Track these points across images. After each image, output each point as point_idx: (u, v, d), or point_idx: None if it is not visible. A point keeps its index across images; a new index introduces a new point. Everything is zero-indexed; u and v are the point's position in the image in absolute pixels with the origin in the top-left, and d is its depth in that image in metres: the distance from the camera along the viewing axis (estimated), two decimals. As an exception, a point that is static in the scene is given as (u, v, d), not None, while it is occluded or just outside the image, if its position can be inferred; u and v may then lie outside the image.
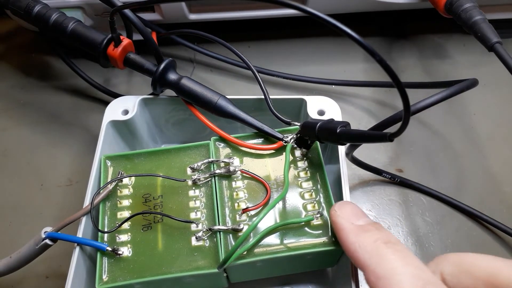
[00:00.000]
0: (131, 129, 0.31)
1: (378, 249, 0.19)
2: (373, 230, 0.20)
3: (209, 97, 0.28)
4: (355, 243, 0.20)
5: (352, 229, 0.21)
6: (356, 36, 0.17)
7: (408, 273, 0.18)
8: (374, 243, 0.20)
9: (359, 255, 0.20)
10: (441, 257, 0.20)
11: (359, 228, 0.21)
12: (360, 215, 0.22)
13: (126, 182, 0.27)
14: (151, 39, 0.30)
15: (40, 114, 0.39)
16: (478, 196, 0.33)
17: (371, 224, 0.21)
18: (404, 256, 0.19)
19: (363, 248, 0.20)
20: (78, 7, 0.36)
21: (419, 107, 0.23)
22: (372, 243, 0.20)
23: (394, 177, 0.33)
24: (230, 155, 0.27)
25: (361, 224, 0.21)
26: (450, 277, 0.19)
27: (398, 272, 0.18)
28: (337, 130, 0.23)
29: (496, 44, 0.29)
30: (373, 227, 0.21)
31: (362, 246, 0.20)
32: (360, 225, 0.21)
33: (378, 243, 0.20)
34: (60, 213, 0.33)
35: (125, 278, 0.24)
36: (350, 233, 0.21)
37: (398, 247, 0.19)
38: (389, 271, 0.18)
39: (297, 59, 0.41)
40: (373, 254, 0.19)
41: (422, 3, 0.37)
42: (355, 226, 0.21)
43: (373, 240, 0.20)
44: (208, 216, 0.25)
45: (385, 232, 0.20)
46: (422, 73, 0.40)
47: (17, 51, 0.43)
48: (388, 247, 0.19)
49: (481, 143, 0.36)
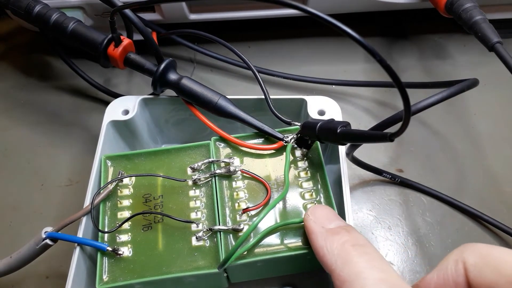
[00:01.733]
0: (132, 129, 0.31)
1: (345, 252, 0.19)
2: (342, 233, 0.20)
3: (209, 97, 0.28)
4: (323, 246, 0.20)
5: (321, 233, 0.21)
6: (356, 36, 0.17)
7: (372, 277, 0.17)
8: (341, 246, 0.19)
9: (326, 258, 0.19)
10: (468, 245, 0.19)
11: (329, 231, 0.21)
12: (332, 218, 0.22)
13: (126, 182, 0.27)
14: (152, 39, 0.30)
15: (41, 114, 0.39)
16: (478, 196, 0.33)
17: (341, 227, 0.21)
18: (371, 259, 0.18)
19: (331, 251, 0.19)
20: (79, 7, 0.36)
21: (419, 107, 0.23)
22: (339, 246, 0.19)
23: (395, 177, 0.33)
24: (230, 155, 0.27)
25: (331, 228, 0.21)
26: (473, 268, 0.18)
27: (362, 276, 0.18)
28: (337, 130, 0.23)
29: (497, 44, 0.29)
30: (343, 229, 0.20)
31: (330, 249, 0.19)
32: (330, 228, 0.21)
33: (346, 246, 0.19)
34: (61, 213, 0.33)
35: (125, 278, 0.24)
36: (320, 237, 0.20)
37: (365, 250, 0.19)
38: (353, 274, 0.18)
39: (297, 59, 0.41)
40: (339, 257, 0.19)
41: (423, 3, 0.37)
42: (325, 229, 0.21)
43: (341, 243, 0.19)
44: (208, 216, 0.25)
45: (354, 235, 0.20)
46: (423, 73, 0.40)
47: (17, 51, 0.44)
48: (355, 250, 0.19)
49: (482, 143, 0.36)
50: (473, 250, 0.18)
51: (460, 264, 0.18)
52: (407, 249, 0.31)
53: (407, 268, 0.30)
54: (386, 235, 0.32)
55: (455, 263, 0.18)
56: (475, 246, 0.18)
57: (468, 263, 0.18)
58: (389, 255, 0.31)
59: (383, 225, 0.32)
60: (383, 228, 0.32)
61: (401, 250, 0.31)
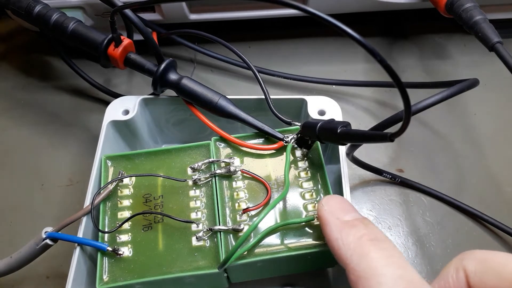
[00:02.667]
0: (132, 129, 0.31)
1: (361, 246, 0.18)
2: (359, 226, 0.19)
3: (209, 97, 0.28)
4: (338, 239, 0.19)
5: (337, 225, 0.20)
6: (357, 36, 0.17)
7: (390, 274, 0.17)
8: (358, 240, 0.18)
9: (341, 251, 0.19)
10: (467, 253, 0.18)
11: (345, 223, 0.20)
12: (348, 210, 0.21)
13: (126, 182, 0.27)
14: (152, 39, 0.30)
15: (41, 114, 0.39)
16: (478, 196, 0.33)
17: (358, 220, 0.20)
18: (389, 255, 0.18)
19: (347, 244, 0.19)
20: (79, 7, 0.36)
21: (419, 107, 0.23)
22: (356, 240, 0.18)
23: (395, 177, 0.33)
24: (230, 155, 0.27)
25: (348, 220, 0.20)
26: (473, 275, 0.18)
27: (379, 273, 0.17)
28: (337, 130, 0.23)
29: (497, 44, 0.29)
30: (360, 222, 0.20)
31: (346, 243, 0.19)
32: (347, 220, 0.20)
33: (363, 240, 0.18)
34: (61, 213, 0.33)
35: (125, 278, 0.24)
36: (335, 229, 0.20)
37: (383, 245, 0.18)
38: (370, 270, 0.17)
39: (297, 59, 0.41)
40: (356, 251, 0.18)
41: (423, 3, 0.37)
42: (340, 221, 0.20)
43: (358, 236, 0.19)
44: (208, 216, 0.25)
45: (372, 229, 0.19)
46: (423, 73, 0.40)
47: (17, 52, 0.44)
48: (372, 244, 0.18)
49: (482, 143, 0.36)
50: (472, 257, 0.18)
51: (461, 272, 0.18)
52: (407, 249, 0.31)
53: (407, 268, 0.30)
54: (386, 235, 0.32)
55: (456, 271, 0.18)
56: (474, 252, 0.18)
57: (468, 270, 0.18)
58: (389, 255, 0.31)
59: (383, 225, 0.32)
60: (383, 228, 0.32)
61: (402, 250, 0.31)
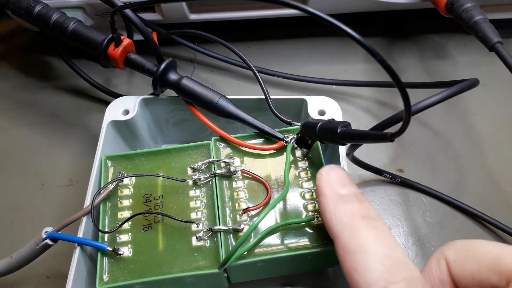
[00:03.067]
0: (132, 129, 0.31)
1: (353, 222, 0.18)
2: (354, 202, 0.19)
3: (209, 97, 0.28)
4: (332, 212, 0.19)
5: (332, 197, 0.20)
6: (357, 36, 0.17)
7: (378, 252, 0.17)
8: (351, 215, 0.19)
9: (333, 225, 0.19)
10: (447, 244, 0.19)
11: (340, 197, 0.20)
12: (346, 183, 0.21)
13: (126, 182, 0.27)
14: (152, 39, 0.30)
15: (41, 114, 0.39)
16: (478, 196, 0.33)
17: (354, 195, 0.20)
18: (379, 234, 0.18)
19: (338, 218, 0.19)
20: (79, 7, 0.36)
21: (420, 107, 0.23)
22: (349, 215, 0.19)
23: (395, 177, 0.33)
24: (230, 155, 0.27)
25: (344, 193, 0.20)
26: (454, 263, 0.18)
27: (367, 249, 0.17)
28: (337, 130, 0.23)
29: (497, 44, 0.29)
30: (355, 198, 0.20)
31: (338, 217, 0.19)
32: (342, 194, 0.20)
33: (356, 216, 0.19)
34: (61, 213, 0.33)
35: (125, 278, 0.24)
36: (330, 201, 0.20)
37: (375, 223, 0.18)
38: (358, 246, 0.17)
39: (297, 59, 0.41)
40: (347, 227, 0.18)
41: (423, 3, 0.37)
42: (336, 194, 0.20)
43: (351, 212, 0.19)
44: (208, 216, 0.25)
45: (366, 205, 0.19)
46: (423, 73, 0.40)
47: (17, 52, 0.44)
48: (364, 222, 0.18)
49: (482, 143, 0.36)
50: (453, 246, 0.19)
51: (442, 261, 0.18)
52: (408, 249, 0.31)
53: (407, 268, 0.30)
54: (387, 235, 0.32)
55: (437, 261, 0.19)
56: (455, 242, 0.19)
57: (449, 259, 0.18)
58: (389, 255, 0.31)
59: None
60: (384, 228, 0.32)
61: (402, 250, 0.31)
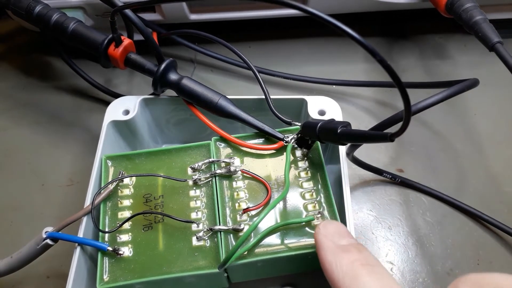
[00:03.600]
0: (132, 129, 0.31)
1: (353, 270, 0.19)
2: (353, 251, 0.20)
3: (209, 97, 0.28)
4: (332, 262, 0.20)
5: (332, 248, 0.20)
6: (357, 36, 0.17)
7: None
8: (351, 263, 0.19)
9: (334, 274, 0.19)
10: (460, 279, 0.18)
11: (340, 247, 0.20)
12: (344, 235, 0.21)
13: (127, 182, 0.27)
14: (152, 39, 0.30)
15: (41, 114, 0.39)
16: (479, 196, 0.33)
17: (352, 245, 0.21)
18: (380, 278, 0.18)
19: (339, 267, 0.19)
20: (79, 7, 0.36)
21: (420, 107, 0.23)
22: (349, 264, 0.19)
23: (395, 177, 0.33)
24: (230, 155, 0.27)
25: (343, 244, 0.21)
26: None
27: None
28: (337, 130, 0.23)
29: (497, 44, 0.29)
30: (354, 248, 0.20)
31: (339, 266, 0.19)
32: (342, 245, 0.21)
33: (356, 264, 0.19)
34: (61, 213, 0.33)
35: (126, 278, 0.24)
36: (329, 252, 0.20)
37: (376, 269, 0.19)
38: None
39: (297, 59, 0.41)
40: (348, 274, 0.19)
41: (423, 3, 0.37)
42: (335, 245, 0.21)
43: (351, 260, 0.19)
44: (208, 216, 0.26)
45: (365, 254, 0.20)
46: (423, 73, 0.40)
47: (18, 52, 0.44)
48: (364, 269, 0.19)
49: (482, 143, 0.36)
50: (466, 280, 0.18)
51: None
52: (408, 249, 0.31)
53: (407, 268, 0.30)
54: (387, 235, 0.32)
55: None
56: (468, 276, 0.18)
57: None
58: (389, 255, 0.31)
59: (383, 225, 0.32)
60: (384, 228, 0.32)
61: (402, 250, 0.31)
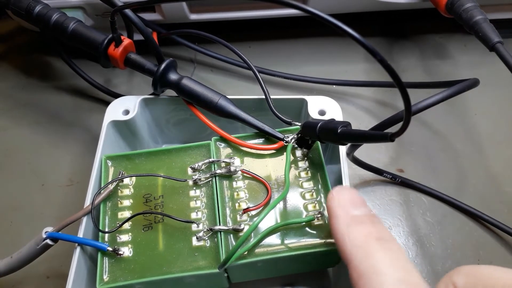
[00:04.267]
0: (132, 129, 0.31)
1: (367, 244, 0.18)
2: (367, 223, 0.19)
3: (210, 97, 0.28)
4: (344, 234, 0.19)
5: (345, 219, 0.19)
6: (357, 36, 0.17)
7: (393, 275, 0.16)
8: (365, 237, 0.18)
9: (346, 247, 0.18)
10: (455, 270, 0.18)
11: (353, 218, 0.19)
12: (359, 204, 0.20)
13: (127, 182, 0.27)
14: (152, 39, 0.30)
15: (41, 114, 0.39)
16: (479, 196, 0.33)
17: (367, 216, 0.19)
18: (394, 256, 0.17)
19: (352, 240, 0.18)
20: (79, 7, 0.36)
21: (420, 107, 0.23)
22: (362, 237, 0.18)
23: (395, 177, 0.33)
24: (231, 155, 0.27)
25: (356, 214, 0.19)
26: None
27: (382, 272, 0.17)
28: (338, 130, 0.23)
29: (497, 44, 0.29)
30: (368, 219, 0.19)
31: (352, 239, 0.18)
32: (355, 215, 0.19)
33: (369, 238, 0.18)
34: (61, 213, 0.33)
35: (126, 278, 0.24)
36: (342, 223, 0.19)
37: (390, 245, 0.18)
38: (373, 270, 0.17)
39: (298, 59, 0.41)
40: (360, 249, 0.18)
41: (423, 3, 0.37)
42: (349, 215, 0.19)
43: (364, 234, 0.18)
44: (209, 216, 0.25)
45: (380, 227, 0.19)
46: (423, 73, 0.40)
47: (18, 52, 0.44)
48: (378, 244, 0.18)
49: (482, 143, 0.36)
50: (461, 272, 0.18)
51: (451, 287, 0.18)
52: (408, 249, 0.31)
53: (407, 268, 0.30)
54: (387, 235, 0.32)
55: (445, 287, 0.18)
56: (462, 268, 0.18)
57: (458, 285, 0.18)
58: (389, 255, 0.31)
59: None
60: (384, 228, 0.32)
61: (402, 250, 0.31)
